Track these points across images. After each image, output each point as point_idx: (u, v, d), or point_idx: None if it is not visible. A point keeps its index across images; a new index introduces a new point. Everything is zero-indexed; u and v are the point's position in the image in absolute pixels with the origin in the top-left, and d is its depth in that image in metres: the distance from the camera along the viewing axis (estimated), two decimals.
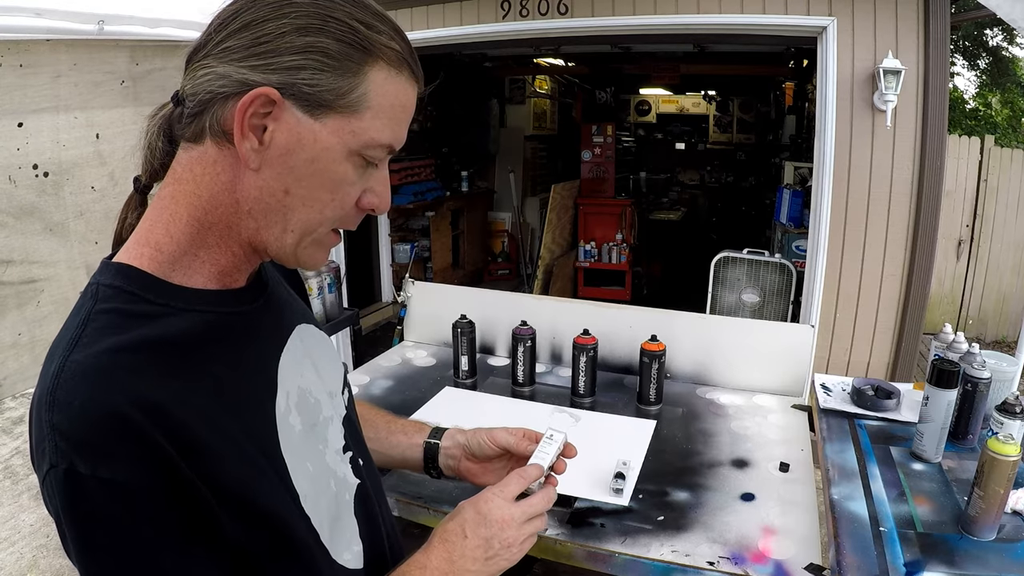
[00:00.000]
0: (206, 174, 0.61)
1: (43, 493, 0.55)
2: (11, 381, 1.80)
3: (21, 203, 1.74)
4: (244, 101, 0.56)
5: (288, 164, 0.59)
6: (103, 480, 0.51)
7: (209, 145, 0.60)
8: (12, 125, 1.69)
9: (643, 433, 1.55)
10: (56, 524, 0.56)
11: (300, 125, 0.58)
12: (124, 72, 1.95)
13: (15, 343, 1.77)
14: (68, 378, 0.53)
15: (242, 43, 0.57)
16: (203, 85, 0.58)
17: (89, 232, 1.95)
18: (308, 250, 0.65)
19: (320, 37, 0.57)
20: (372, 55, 0.59)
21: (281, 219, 0.62)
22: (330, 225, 0.65)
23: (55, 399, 0.53)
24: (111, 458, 0.52)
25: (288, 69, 0.57)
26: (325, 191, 0.62)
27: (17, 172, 1.72)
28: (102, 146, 1.96)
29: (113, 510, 0.52)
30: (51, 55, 1.71)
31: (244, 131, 0.57)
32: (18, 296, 1.76)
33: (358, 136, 0.60)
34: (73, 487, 0.51)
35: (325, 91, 0.58)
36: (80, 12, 1.68)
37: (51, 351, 0.58)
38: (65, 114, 1.82)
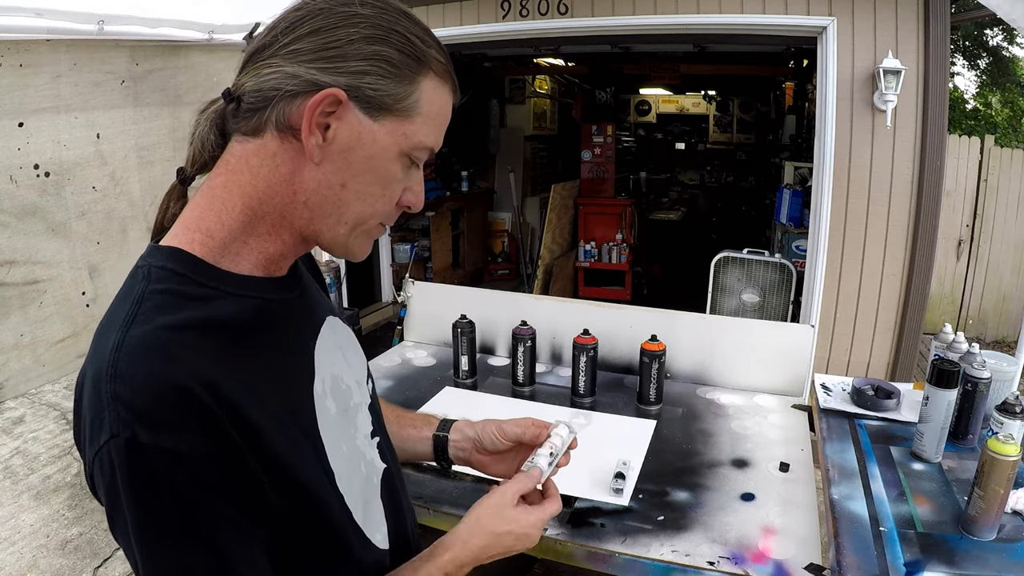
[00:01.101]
0: (264, 165, 0.64)
1: (93, 468, 0.57)
2: (14, 382, 1.80)
3: (23, 203, 1.74)
4: (315, 100, 0.60)
5: (348, 160, 0.64)
6: (165, 450, 0.54)
7: (269, 138, 0.63)
8: (13, 125, 1.69)
9: (643, 433, 1.55)
10: (106, 500, 0.57)
11: (361, 125, 0.63)
12: (124, 72, 1.95)
13: (17, 344, 1.77)
14: (129, 351, 0.56)
15: (311, 46, 0.61)
16: (269, 82, 0.62)
17: (91, 232, 1.95)
18: (358, 241, 0.70)
19: (384, 47, 0.62)
20: (425, 66, 0.65)
21: (336, 211, 0.66)
22: (378, 219, 0.70)
23: (117, 371, 0.55)
24: (173, 429, 0.54)
25: (355, 73, 0.61)
26: (378, 187, 0.67)
27: (18, 172, 1.72)
28: (103, 146, 1.96)
29: (174, 479, 0.54)
30: (51, 55, 1.71)
31: (312, 127, 0.62)
32: (21, 297, 1.76)
33: (409, 138, 0.66)
34: (134, 456, 0.53)
35: (386, 95, 0.63)
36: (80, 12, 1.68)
37: (103, 329, 0.61)
38: (65, 114, 1.82)
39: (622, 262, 5.93)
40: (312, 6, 0.63)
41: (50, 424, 3.74)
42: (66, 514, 2.85)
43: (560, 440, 0.94)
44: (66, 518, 2.83)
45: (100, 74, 1.88)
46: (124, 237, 2.07)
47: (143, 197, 2.13)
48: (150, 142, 2.12)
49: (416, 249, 5.34)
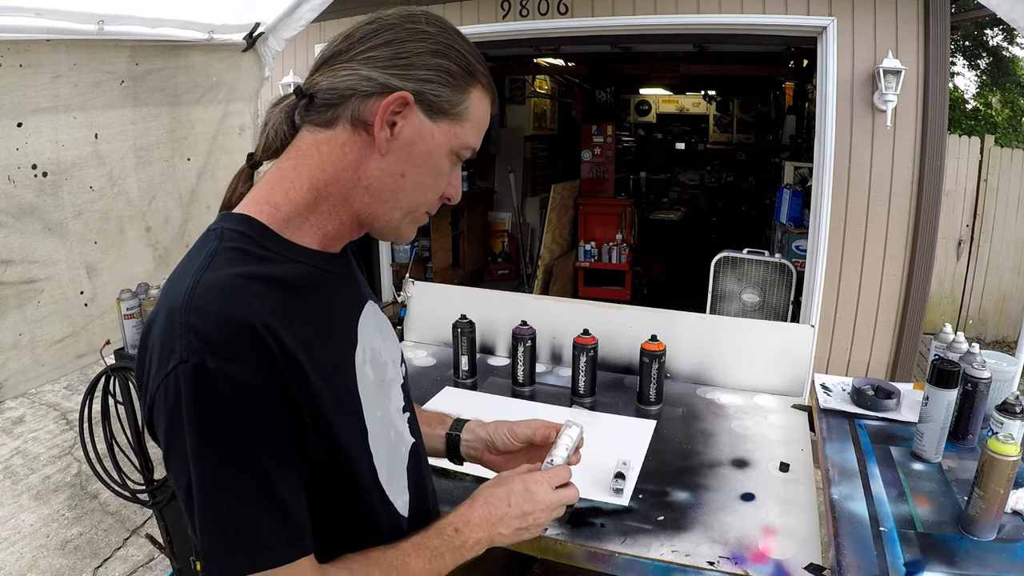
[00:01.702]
0: (333, 153, 0.73)
1: (156, 396, 0.63)
2: (13, 382, 1.80)
3: (20, 203, 1.74)
4: (388, 100, 0.71)
5: (409, 153, 0.74)
6: (228, 376, 0.61)
7: (341, 130, 0.73)
8: (11, 125, 1.69)
9: (643, 433, 1.55)
10: (166, 423, 0.63)
11: (422, 124, 0.73)
12: (124, 72, 1.95)
13: (16, 343, 1.77)
14: (204, 290, 0.64)
15: (386, 55, 0.72)
16: (345, 82, 0.72)
17: (88, 232, 1.95)
18: (407, 226, 0.80)
19: (445, 60, 0.73)
20: (474, 79, 0.76)
21: (393, 197, 0.76)
22: (426, 207, 0.79)
23: (192, 304, 0.63)
24: (238, 359, 0.62)
25: (421, 80, 0.72)
26: (431, 178, 0.77)
27: (16, 172, 1.72)
28: (101, 146, 1.95)
29: (232, 404, 0.62)
30: (51, 55, 1.71)
31: (383, 123, 0.71)
32: (18, 296, 1.76)
33: (459, 138, 0.76)
34: (200, 380, 0.60)
35: (444, 101, 0.74)
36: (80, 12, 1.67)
37: (176, 277, 0.68)
38: (64, 114, 1.82)
39: (622, 262, 5.93)
40: (385, 21, 0.73)
41: (50, 424, 3.73)
42: (66, 514, 2.85)
43: (570, 439, 0.98)
44: (66, 518, 2.83)
45: (100, 74, 1.87)
46: (122, 237, 2.07)
47: (141, 197, 2.12)
48: (148, 142, 2.12)
49: (416, 249, 5.34)
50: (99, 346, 1.99)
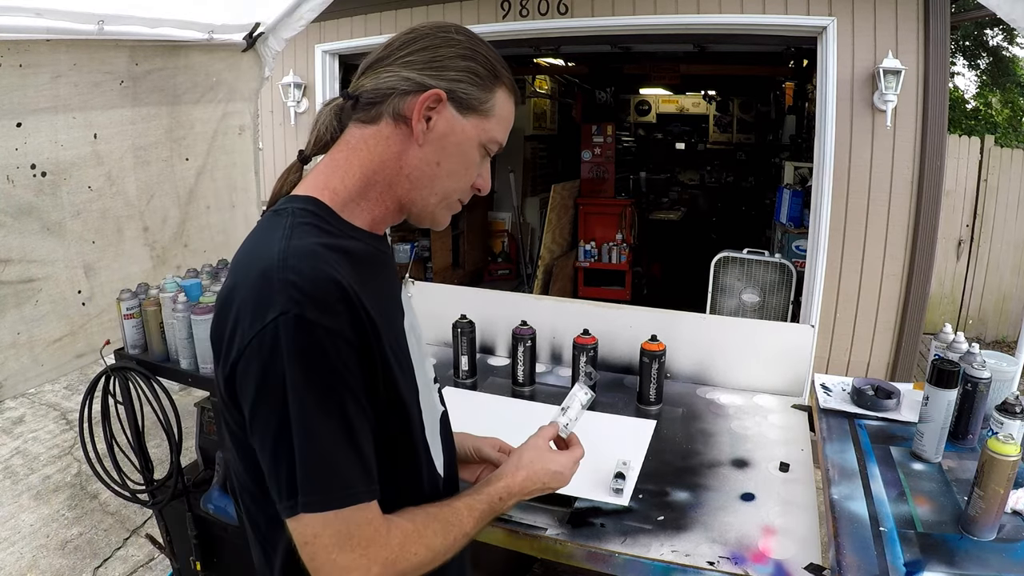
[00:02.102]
0: (379, 145, 0.83)
1: (249, 347, 0.69)
2: (12, 381, 1.80)
3: (19, 203, 1.74)
4: (424, 96, 0.80)
5: (443, 144, 0.83)
6: (324, 327, 0.69)
7: (384, 125, 0.82)
8: (11, 125, 1.69)
9: (643, 433, 1.55)
10: (260, 371, 0.69)
11: (454, 119, 0.83)
12: (124, 72, 1.95)
13: (14, 342, 1.77)
14: (294, 253, 0.72)
15: (422, 59, 0.81)
16: (387, 82, 0.81)
17: (86, 231, 1.94)
18: (442, 212, 0.89)
19: (473, 63, 0.83)
20: (499, 80, 0.86)
21: (430, 184, 0.85)
22: (458, 194, 0.89)
23: (287, 264, 0.71)
24: (331, 312, 0.70)
25: (452, 80, 0.82)
26: (462, 167, 0.86)
27: (15, 172, 1.72)
28: (100, 146, 1.95)
29: (327, 351, 0.69)
30: (51, 55, 1.71)
31: (419, 117, 0.81)
32: (16, 295, 1.76)
33: (487, 132, 0.85)
34: (300, 329, 0.68)
35: (473, 99, 0.83)
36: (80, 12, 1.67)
37: (256, 246, 0.77)
38: (64, 114, 1.82)
39: (622, 262, 5.92)
40: (420, 32, 0.84)
41: (50, 424, 3.73)
42: (66, 514, 2.85)
43: (576, 401, 1.09)
44: (66, 518, 2.83)
45: (100, 74, 1.87)
46: (120, 236, 2.06)
47: (139, 197, 2.12)
48: (147, 142, 2.11)
49: (416, 249, 5.34)
50: (98, 345, 1.99)
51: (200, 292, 1.81)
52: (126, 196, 2.08)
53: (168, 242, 2.27)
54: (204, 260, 2.37)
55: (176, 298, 1.77)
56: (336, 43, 4.16)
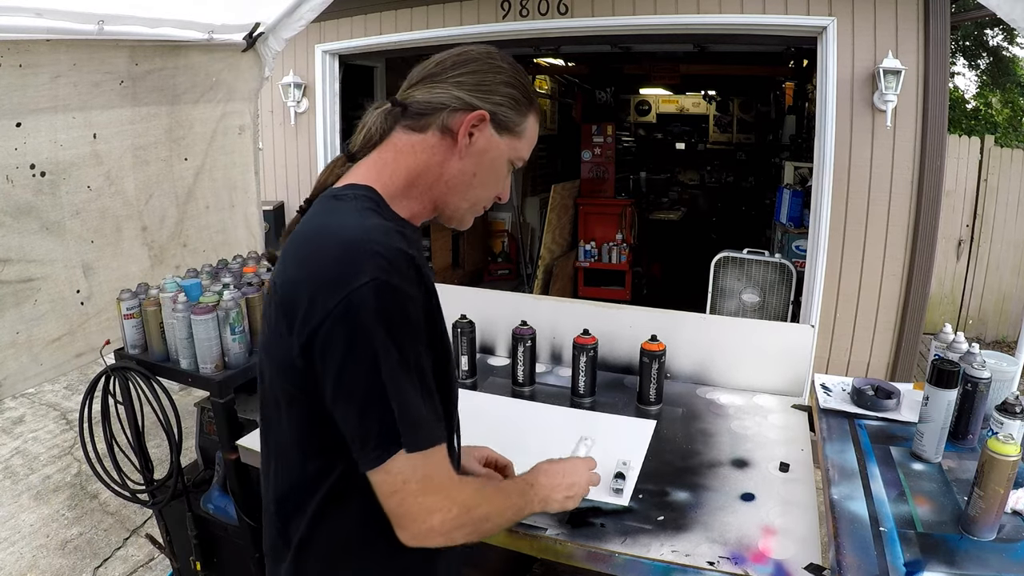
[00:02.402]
0: (425, 152, 0.92)
1: (334, 312, 0.76)
2: (12, 381, 1.80)
3: (18, 202, 1.74)
4: (472, 115, 0.90)
5: (480, 159, 0.94)
6: (405, 292, 0.79)
7: (431, 135, 0.92)
8: (11, 125, 1.69)
9: (643, 433, 1.54)
10: (348, 330, 0.76)
11: (492, 137, 0.93)
12: (124, 72, 1.95)
13: (13, 342, 1.77)
14: (372, 228, 0.82)
15: (472, 81, 0.91)
16: (439, 98, 0.91)
17: (85, 231, 1.94)
18: (468, 215, 1.00)
19: (514, 91, 0.93)
20: (532, 106, 0.97)
21: (464, 191, 0.96)
22: (484, 202, 1.00)
23: (369, 237, 0.80)
24: (410, 281, 0.80)
25: (496, 104, 0.92)
26: (492, 179, 0.97)
27: (15, 172, 1.72)
28: (99, 146, 1.95)
29: (410, 315, 0.80)
30: (51, 55, 1.70)
31: (465, 132, 0.91)
32: (15, 295, 1.76)
33: (516, 151, 0.97)
34: (388, 293, 0.77)
35: (510, 121, 0.94)
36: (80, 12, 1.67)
37: (327, 223, 0.85)
38: (63, 114, 1.82)
39: (622, 262, 5.92)
40: (471, 55, 0.94)
41: (50, 424, 3.73)
42: (66, 514, 2.85)
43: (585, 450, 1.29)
44: (66, 518, 2.83)
45: (100, 74, 1.87)
46: (118, 236, 2.06)
47: (137, 196, 2.12)
48: (146, 142, 2.11)
49: None
50: (97, 345, 1.99)
51: (200, 292, 1.81)
52: (125, 196, 2.08)
53: (166, 241, 2.26)
54: (203, 260, 2.37)
55: (176, 298, 1.77)
56: (336, 43, 4.16)
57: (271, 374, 0.88)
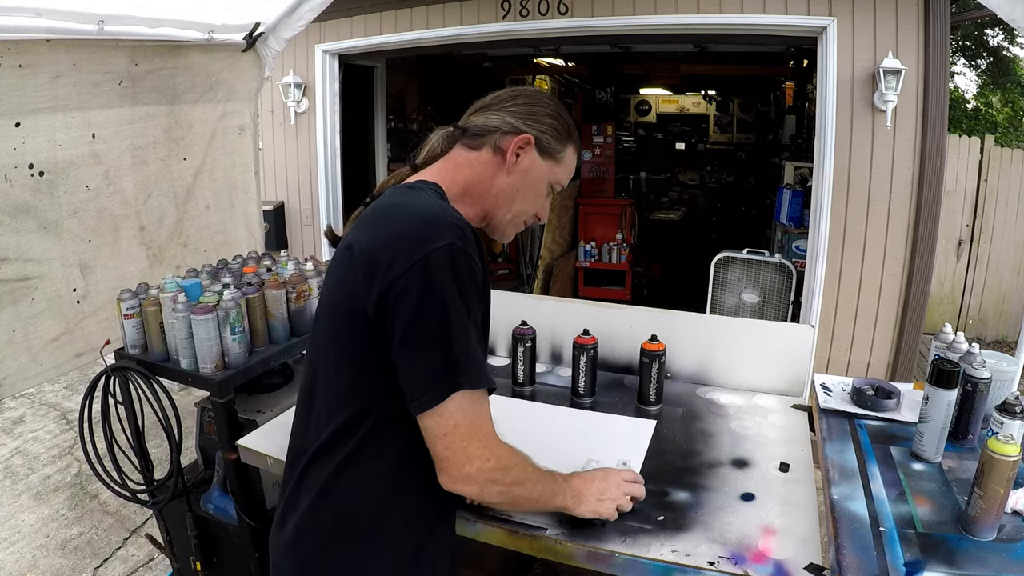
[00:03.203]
0: (479, 167, 1.09)
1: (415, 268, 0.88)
2: (11, 380, 1.80)
3: (16, 202, 1.74)
4: (519, 138, 1.07)
5: (524, 176, 1.10)
6: (474, 258, 0.92)
7: (485, 152, 1.09)
8: (9, 125, 1.69)
9: (643, 433, 1.54)
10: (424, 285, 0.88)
11: (535, 159, 1.10)
12: (123, 72, 1.95)
13: (10, 340, 1.77)
14: (446, 207, 0.97)
15: (521, 111, 1.09)
16: (493, 122, 1.08)
17: (82, 230, 1.94)
18: (510, 227, 1.15)
19: (556, 122, 1.10)
20: (571, 138, 1.13)
21: (507, 203, 1.11)
22: (524, 216, 1.15)
23: (446, 212, 0.94)
24: (474, 250, 0.93)
25: (540, 131, 1.09)
26: (532, 195, 1.13)
27: (13, 171, 1.72)
28: (98, 146, 1.95)
29: (475, 275, 0.93)
30: (51, 55, 1.70)
31: (512, 152, 1.07)
32: (12, 293, 1.76)
33: (556, 175, 1.13)
34: (461, 256, 0.90)
35: (551, 147, 1.11)
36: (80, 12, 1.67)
37: (405, 203, 0.98)
38: (62, 114, 1.82)
39: (622, 262, 5.92)
40: (523, 91, 1.13)
41: (50, 424, 3.73)
42: (66, 514, 2.85)
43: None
44: (66, 518, 2.83)
45: (99, 74, 1.87)
46: (116, 235, 2.06)
47: (135, 196, 2.12)
48: (145, 142, 2.11)
49: None
50: (95, 344, 1.99)
51: (200, 292, 1.81)
52: (123, 195, 2.08)
53: (165, 241, 2.26)
54: (204, 260, 2.37)
55: (176, 298, 1.77)
56: (336, 43, 4.16)
57: (333, 326, 1.00)
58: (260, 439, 1.56)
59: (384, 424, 0.95)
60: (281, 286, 1.94)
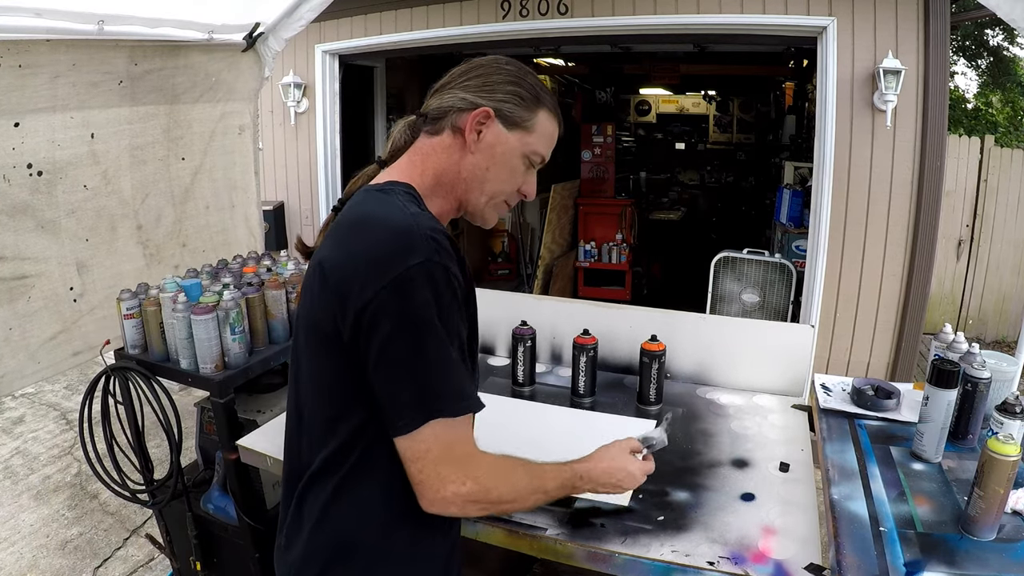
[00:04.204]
0: (443, 152, 1.01)
1: (390, 286, 0.82)
2: (9, 378, 1.80)
3: (14, 201, 1.74)
4: (476, 112, 0.98)
5: (490, 153, 1.00)
6: (452, 273, 0.86)
7: (446, 136, 1.00)
8: (8, 125, 1.69)
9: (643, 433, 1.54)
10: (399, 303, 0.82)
11: (500, 132, 1.00)
12: (123, 72, 1.94)
13: (8, 338, 1.77)
14: (419, 215, 0.90)
15: (476, 83, 1.00)
16: (448, 102, 1.00)
17: (80, 230, 1.94)
18: (489, 210, 1.06)
19: (517, 88, 1.00)
20: (541, 103, 1.02)
21: (479, 185, 1.02)
22: (503, 196, 1.05)
23: (421, 224, 0.87)
24: (454, 264, 0.87)
25: (499, 100, 0.99)
26: (505, 172, 1.03)
27: (11, 171, 1.72)
28: (96, 146, 1.95)
29: (455, 292, 0.87)
30: (50, 55, 1.70)
31: (471, 129, 0.98)
32: (9, 292, 1.76)
33: (528, 145, 1.02)
34: (439, 273, 0.84)
35: (516, 117, 1.00)
36: (80, 12, 1.67)
37: (375, 211, 0.91)
38: (61, 114, 1.82)
39: (622, 262, 5.92)
40: (478, 63, 1.02)
41: (50, 424, 3.73)
42: (66, 514, 2.85)
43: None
44: (66, 518, 2.83)
45: (98, 74, 1.87)
46: (113, 234, 2.06)
47: (134, 196, 2.12)
48: (144, 141, 2.11)
49: None
50: (93, 344, 1.99)
51: (200, 292, 1.81)
52: (121, 195, 2.08)
53: (162, 240, 2.26)
54: (203, 260, 2.37)
55: (176, 298, 1.77)
56: (336, 43, 4.16)
57: (312, 349, 0.94)
58: (260, 439, 1.56)
59: (375, 446, 0.90)
60: (281, 286, 1.94)
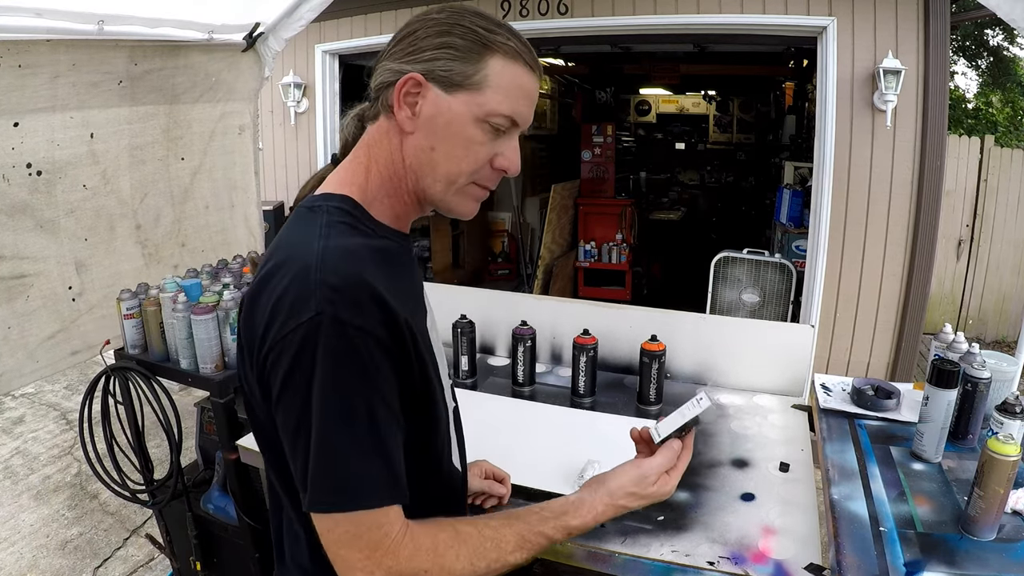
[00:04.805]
0: (383, 140, 0.83)
1: (283, 342, 0.69)
2: (8, 377, 1.80)
3: (13, 201, 1.74)
4: (400, 83, 0.78)
5: (432, 128, 0.80)
6: (357, 327, 0.69)
7: (383, 119, 0.82)
8: (8, 125, 1.69)
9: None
10: (289, 367, 0.69)
11: (439, 99, 0.79)
12: (123, 72, 1.94)
13: (6, 337, 1.77)
14: (331, 254, 0.72)
15: (402, 48, 0.80)
16: (379, 78, 0.81)
17: (79, 229, 1.94)
18: (456, 198, 0.84)
19: (449, 38, 0.78)
20: (490, 49, 0.79)
21: (430, 171, 0.82)
22: (467, 178, 0.83)
23: (325, 264, 0.71)
24: (365, 314, 0.70)
25: (428, 60, 0.78)
26: (459, 148, 0.80)
27: (11, 171, 1.72)
28: (96, 145, 1.95)
29: (360, 355, 0.69)
30: (50, 55, 1.70)
31: (400, 104, 0.79)
32: (8, 291, 1.76)
33: (482, 107, 0.79)
34: (334, 329, 0.68)
35: (455, 74, 0.78)
36: (80, 12, 1.67)
37: (293, 243, 0.77)
38: (61, 114, 1.82)
39: (622, 262, 5.92)
40: (411, 23, 0.82)
41: (50, 424, 3.73)
42: (66, 514, 2.85)
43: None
44: (66, 518, 2.83)
45: (98, 74, 1.87)
46: (112, 234, 2.07)
47: (133, 195, 2.12)
48: (143, 141, 2.11)
49: (416, 249, 5.34)
50: (92, 343, 1.99)
51: (200, 292, 1.81)
52: (120, 195, 2.08)
53: (161, 240, 2.26)
54: (203, 259, 2.37)
55: (176, 298, 1.77)
56: (336, 43, 4.16)
57: (248, 392, 0.83)
58: None
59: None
60: None
